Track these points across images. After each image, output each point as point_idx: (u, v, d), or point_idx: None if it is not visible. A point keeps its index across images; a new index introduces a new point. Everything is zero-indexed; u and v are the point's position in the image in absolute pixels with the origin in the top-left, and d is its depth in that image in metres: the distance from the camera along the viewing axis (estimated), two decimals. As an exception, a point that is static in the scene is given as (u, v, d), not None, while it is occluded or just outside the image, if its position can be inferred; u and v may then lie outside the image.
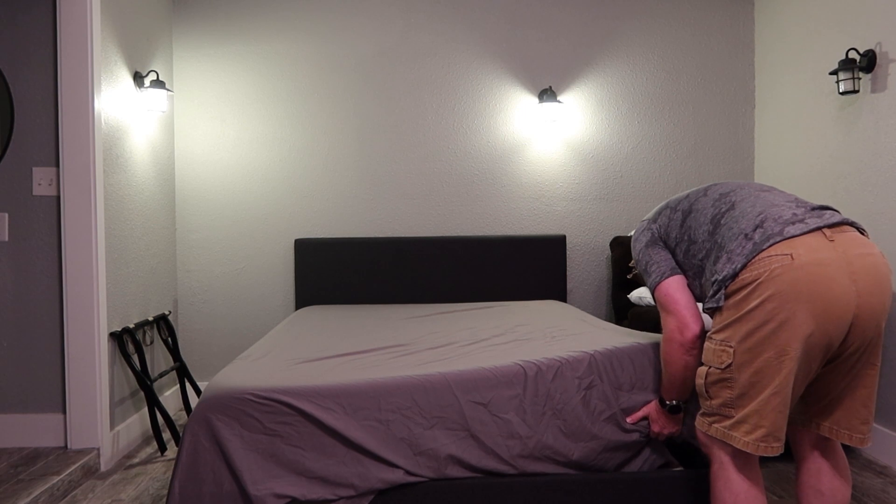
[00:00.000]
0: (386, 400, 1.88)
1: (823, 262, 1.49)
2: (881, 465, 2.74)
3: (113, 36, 3.04)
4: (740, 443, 1.56)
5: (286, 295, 3.88)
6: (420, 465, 1.87)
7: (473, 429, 1.88)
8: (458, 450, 1.88)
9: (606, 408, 1.93)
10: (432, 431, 1.87)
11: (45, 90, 2.83)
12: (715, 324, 1.63)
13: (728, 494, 1.60)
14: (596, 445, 1.93)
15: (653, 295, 1.83)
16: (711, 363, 1.62)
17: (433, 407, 1.88)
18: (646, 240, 1.88)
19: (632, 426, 1.96)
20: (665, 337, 1.79)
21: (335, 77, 3.86)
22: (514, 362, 1.96)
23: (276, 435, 1.85)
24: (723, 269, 1.59)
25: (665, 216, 1.87)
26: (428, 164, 3.89)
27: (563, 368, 1.94)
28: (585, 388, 1.93)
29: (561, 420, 1.91)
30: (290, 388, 1.89)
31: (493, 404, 1.89)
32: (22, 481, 2.46)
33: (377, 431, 1.86)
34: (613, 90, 3.91)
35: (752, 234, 1.57)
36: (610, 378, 1.95)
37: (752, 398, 1.54)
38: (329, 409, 1.86)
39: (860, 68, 2.89)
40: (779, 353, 1.50)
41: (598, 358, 1.97)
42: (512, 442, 1.88)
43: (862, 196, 2.97)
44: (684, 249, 1.77)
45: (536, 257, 3.79)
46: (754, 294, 1.52)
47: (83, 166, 2.79)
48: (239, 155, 3.86)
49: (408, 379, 1.91)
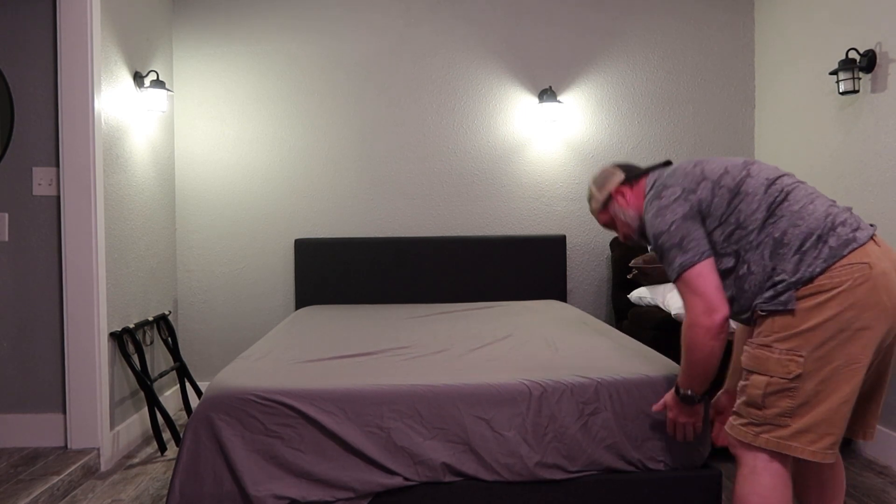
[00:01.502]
0: (388, 407, 1.88)
1: (887, 270, 1.49)
2: (881, 465, 2.74)
3: (113, 36, 3.04)
4: (805, 452, 1.50)
5: (286, 295, 3.88)
6: (419, 473, 1.87)
7: (473, 443, 1.88)
8: (457, 462, 1.88)
9: (608, 435, 1.92)
10: (433, 442, 1.87)
11: (45, 90, 2.83)
12: (775, 329, 1.54)
13: (757, 500, 1.56)
14: (594, 468, 1.92)
15: (678, 274, 1.66)
16: (774, 373, 1.53)
17: (435, 418, 1.88)
18: (683, 211, 1.67)
19: (635, 457, 1.94)
20: (689, 321, 1.65)
21: (335, 77, 3.86)
22: (520, 381, 1.94)
23: (277, 436, 1.85)
24: (794, 269, 1.52)
25: (706, 189, 1.67)
26: (428, 163, 3.89)
27: (568, 392, 1.93)
28: (589, 413, 1.92)
29: (561, 443, 1.90)
30: (293, 391, 1.89)
31: (495, 420, 1.89)
32: (22, 481, 2.46)
33: (378, 438, 1.86)
34: (613, 90, 3.91)
35: (826, 237, 1.52)
36: (615, 407, 1.93)
37: (814, 406, 1.49)
38: (331, 412, 1.86)
39: (860, 68, 2.89)
40: (850, 361, 1.48)
41: (605, 385, 1.95)
42: (511, 460, 1.88)
43: (862, 196, 2.96)
44: (728, 232, 1.64)
45: (536, 257, 3.79)
46: (833, 302, 1.48)
47: (83, 166, 2.79)
48: (239, 155, 3.85)
49: (412, 387, 1.91)
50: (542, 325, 2.80)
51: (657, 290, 3.07)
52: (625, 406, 1.93)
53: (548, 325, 2.82)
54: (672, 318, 2.81)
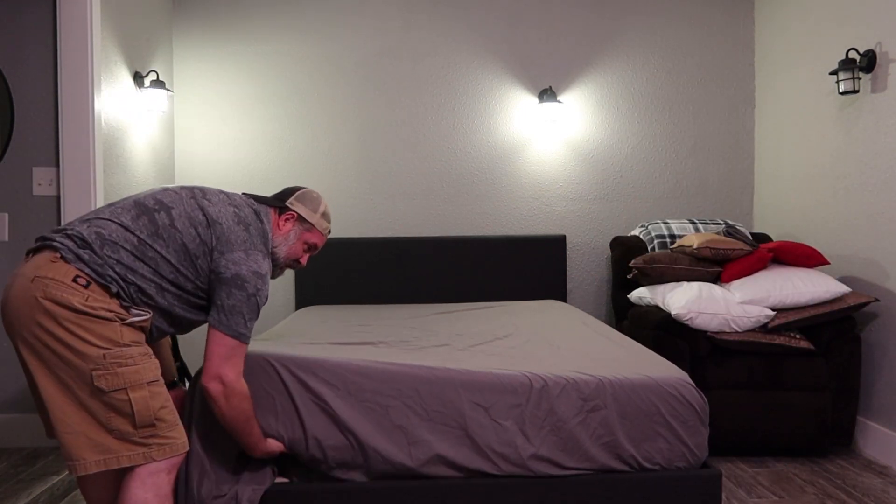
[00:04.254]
0: (389, 385, 1.89)
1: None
2: (881, 465, 2.74)
3: (113, 36, 3.04)
4: None
5: (286, 295, 3.88)
6: (412, 456, 1.87)
7: (470, 429, 1.88)
8: (451, 447, 1.88)
9: (605, 433, 1.92)
10: (430, 424, 1.88)
11: (45, 90, 2.83)
12: None
13: None
14: (588, 466, 1.92)
15: None
16: None
17: (434, 400, 1.89)
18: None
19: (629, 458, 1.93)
20: None
21: (335, 77, 3.86)
22: (521, 372, 1.95)
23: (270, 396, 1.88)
24: None
25: None
26: (428, 163, 3.89)
27: (570, 387, 1.92)
28: (588, 410, 1.91)
29: (558, 437, 1.90)
30: (296, 357, 1.90)
31: (493, 409, 1.89)
32: (22, 481, 2.46)
33: (376, 414, 1.87)
34: (613, 90, 3.91)
35: None
36: (616, 406, 1.93)
37: None
38: (333, 384, 1.88)
39: (860, 68, 2.89)
40: None
41: (607, 383, 1.94)
42: (506, 449, 1.88)
43: (862, 196, 2.96)
44: None
45: (536, 257, 3.79)
46: None
47: (83, 166, 2.79)
48: (239, 155, 3.86)
49: (414, 368, 1.92)
50: (542, 325, 2.80)
51: (657, 290, 3.07)
52: (625, 406, 1.93)
53: (548, 325, 2.82)
54: (672, 318, 2.82)
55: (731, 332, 2.78)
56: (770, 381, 2.76)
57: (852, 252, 3.03)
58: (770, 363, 2.77)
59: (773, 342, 2.76)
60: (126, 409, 1.49)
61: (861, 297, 2.77)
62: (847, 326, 2.80)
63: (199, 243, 1.67)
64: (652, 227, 3.54)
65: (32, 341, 1.48)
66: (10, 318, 1.52)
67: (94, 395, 1.48)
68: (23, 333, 1.49)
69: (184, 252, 1.65)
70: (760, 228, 3.86)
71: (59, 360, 1.47)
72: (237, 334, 1.66)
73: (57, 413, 1.47)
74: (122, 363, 1.50)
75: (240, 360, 1.69)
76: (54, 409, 1.48)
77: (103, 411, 1.49)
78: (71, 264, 1.52)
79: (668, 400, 1.94)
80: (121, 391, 1.49)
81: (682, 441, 1.94)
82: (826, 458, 2.81)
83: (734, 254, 2.98)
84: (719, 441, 2.75)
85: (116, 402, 1.49)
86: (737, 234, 3.15)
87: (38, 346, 1.48)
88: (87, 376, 1.47)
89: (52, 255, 1.53)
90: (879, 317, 2.87)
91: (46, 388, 1.48)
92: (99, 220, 1.62)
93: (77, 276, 1.51)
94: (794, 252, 2.96)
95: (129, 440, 1.50)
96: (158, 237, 1.63)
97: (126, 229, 1.61)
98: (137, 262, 1.59)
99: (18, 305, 1.49)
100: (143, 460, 1.52)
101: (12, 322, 1.52)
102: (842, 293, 2.78)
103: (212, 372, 1.64)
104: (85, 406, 1.48)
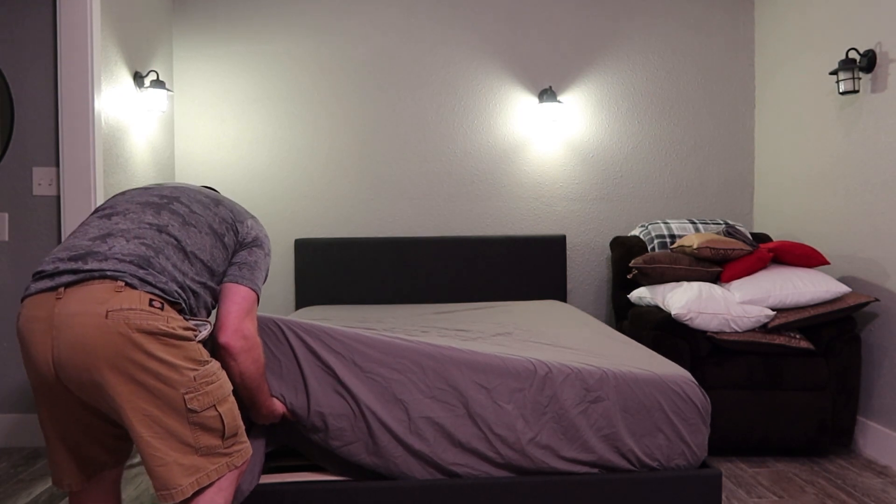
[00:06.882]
0: (394, 358, 1.90)
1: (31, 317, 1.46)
2: (881, 465, 2.74)
3: (113, 36, 3.04)
4: None
5: (286, 295, 3.88)
6: (410, 429, 1.87)
7: (472, 408, 1.89)
8: (451, 425, 1.89)
9: (606, 425, 1.92)
10: (431, 401, 1.89)
11: (45, 90, 2.83)
12: None
13: None
14: (586, 457, 1.92)
15: None
16: None
17: (437, 378, 1.90)
18: None
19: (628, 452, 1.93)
20: None
21: (335, 77, 3.86)
22: (526, 358, 1.96)
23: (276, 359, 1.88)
24: None
25: None
26: (428, 164, 3.89)
27: (574, 376, 1.93)
28: (591, 401, 1.92)
29: (558, 424, 1.91)
30: (303, 324, 1.91)
31: (496, 391, 1.90)
32: (22, 481, 2.46)
33: (377, 385, 1.88)
34: (613, 90, 3.91)
35: None
36: (618, 398, 1.93)
37: None
38: (337, 352, 1.88)
39: (860, 68, 2.89)
40: None
41: (612, 375, 1.95)
42: (505, 432, 1.89)
43: (862, 196, 2.97)
44: None
45: (536, 257, 3.79)
46: None
47: (83, 166, 2.79)
48: (239, 155, 3.86)
49: (421, 345, 1.94)
50: (543, 325, 2.80)
51: (657, 290, 3.07)
52: (628, 399, 1.94)
53: (549, 324, 2.83)
54: (672, 318, 2.82)
55: (731, 332, 2.78)
56: (770, 381, 2.76)
57: (852, 252, 3.03)
58: (770, 363, 2.77)
59: (773, 342, 2.76)
60: (216, 425, 1.46)
61: (861, 297, 2.77)
62: (847, 326, 2.81)
63: (220, 221, 1.67)
64: (652, 227, 3.54)
65: (124, 382, 1.37)
66: (80, 366, 1.37)
67: (182, 419, 1.42)
68: (105, 377, 1.36)
69: (213, 235, 1.64)
70: (760, 228, 3.87)
71: (150, 393, 1.39)
72: (258, 289, 1.68)
73: (147, 450, 1.41)
74: (210, 381, 1.46)
75: (255, 316, 1.70)
76: (146, 448, 1.41)
77: (190, 432, 1.43)
78: (138, 289, 1.41)
79: (670, 396, 1.94)
80: (210, 409, 1.45)
81: (682, 439, 1.94)
82: (826, 458, 2.81)
83: (734, 254, 2.99)
84: (719, 441, 2.75)
85: (207, 420, 1.45)
86: (737, 234, 3.15)
87: (132, 386, 1.37)
88: (178, 401, 1.41)
89: (113, 284, 1.40)
90: (879, 317, 2.87)
91: (135, 426, 1.39)
92: (131, 230, 1.52)
93: (151, 299, 1.41)
94: (794, 252, 2.97)
95: (214, 453, 1.47)
96: (189, 225, 1.59)
97: (159, 230, 1.54)
98: (185, 261, 1.55)
99: (95, 348, 1.35)
100: (227, 469, 1.49)
101: (88, 367, 1.36)
102: (842, 293, 2.78)
103: (234, 326, 1.60)
104: (172, 433, 1.42)
